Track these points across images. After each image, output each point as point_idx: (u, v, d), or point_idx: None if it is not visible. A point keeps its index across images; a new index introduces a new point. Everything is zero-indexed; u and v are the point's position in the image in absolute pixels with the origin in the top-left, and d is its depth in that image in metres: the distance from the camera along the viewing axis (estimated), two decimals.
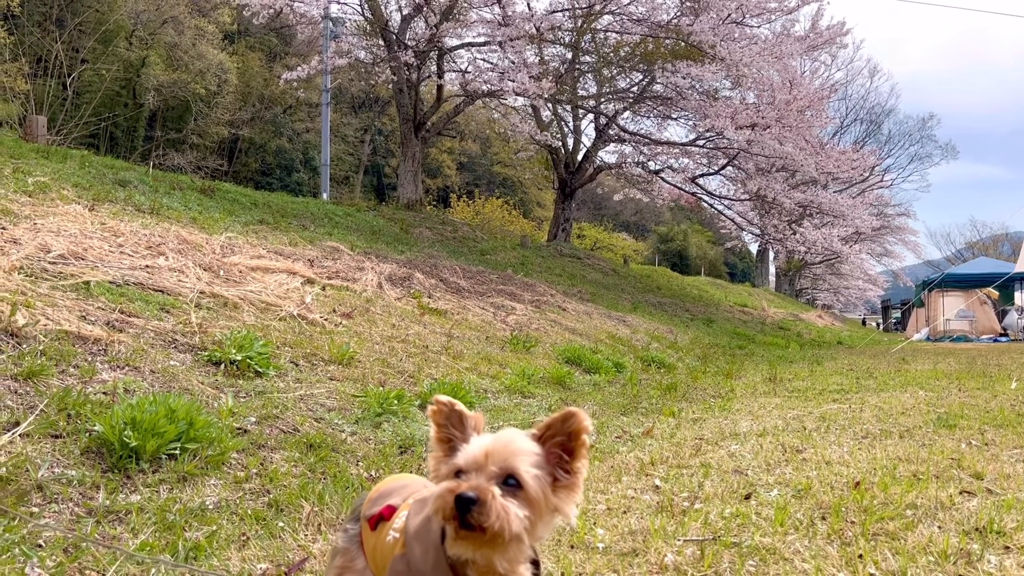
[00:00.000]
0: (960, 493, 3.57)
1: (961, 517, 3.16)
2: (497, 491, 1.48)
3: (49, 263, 5.94)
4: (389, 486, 2.01)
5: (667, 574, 2.60)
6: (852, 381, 9.47)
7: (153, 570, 2.72)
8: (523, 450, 1.54)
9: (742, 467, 4.31)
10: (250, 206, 12.38)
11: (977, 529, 2.98)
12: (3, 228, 6.35)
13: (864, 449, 4.77)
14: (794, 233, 24.59)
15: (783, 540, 2.91)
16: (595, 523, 3.17)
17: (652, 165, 23.63)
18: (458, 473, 1.55)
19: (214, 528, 3.22)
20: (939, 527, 3.05)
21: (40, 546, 2.89)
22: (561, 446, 1.58)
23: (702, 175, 24.80)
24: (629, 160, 23.20)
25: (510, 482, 1.50)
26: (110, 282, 6.04)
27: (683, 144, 23.21)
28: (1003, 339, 24.23)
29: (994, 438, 5.13)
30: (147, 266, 6.66)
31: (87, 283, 5.82)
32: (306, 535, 3.23)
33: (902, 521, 3.12)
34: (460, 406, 1.62)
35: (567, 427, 1.57)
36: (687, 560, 2.73)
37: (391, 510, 1.85)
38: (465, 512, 1.46)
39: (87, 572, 2.71)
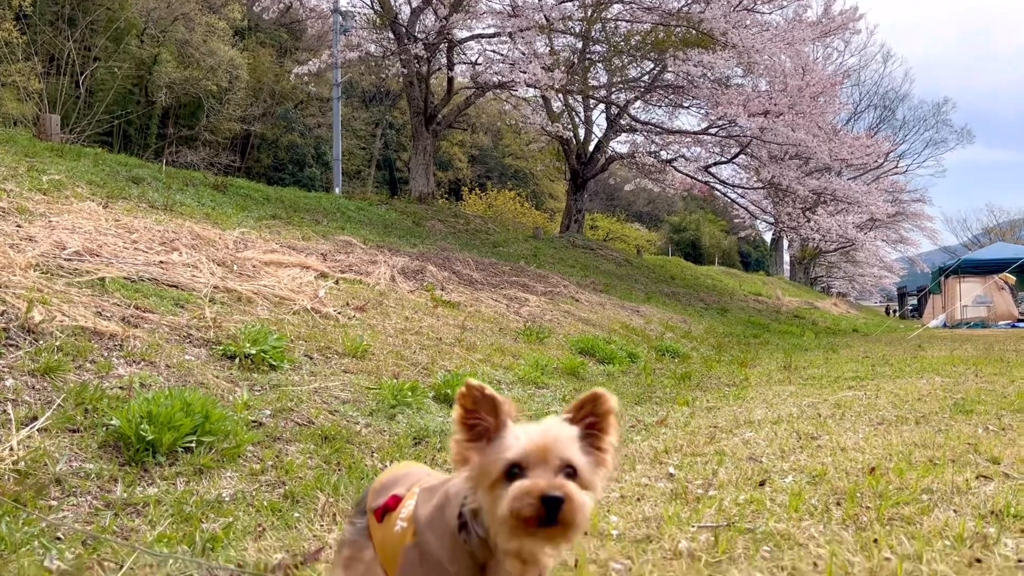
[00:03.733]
0: (977, 478, 3.54)
1: (977, 501, 3.14)
2: (574, 487, 1.49)
3: (65, 260, 5.99)
4: (392, 476, 2.00)
5: (681, 560, 2.60)
6: (867, 368, 9.41)
7: (171, 562, 2.75)
8: (573, 438, 1.55)
9: (756, 454, 4.30)
10: (263, 201, 12.43)
11: (994, 513, 2.96)
12: (19, 226, 6.41)
13: (879, 435, 4.74)
14: (808, 221, 24.42)
15: (798, 526, 2.90)
16: (608, 510, 3.17)
17: (664, 155, 23.51)
18: (512, 467, 1.50)
19: (230, 520, 3.24)
20: (955, 511, 3.03)
21: (59, 539, 2.93)
22: (590, 425, 1.60)
23: (715, 164, 24.67)
24: (641, 150, 23.09)
25: (568, 471, 1.52)
26: (125, 278, 6.09)
27: (695, 133, 23.10)
28: (1021, 325, 23.98)
29: (1011, 423, 5.09)
30: (161, 262, 6.71)
31: (102, 279, 5.87)
32: (322, 525, 3.26)
33: (917, 506, 3.10)
34: (492, 391, 1.57)
35: (597, 407, 1.61)
36: (701, 546, 2.72)
37: (396, 500, 1.84)
38: (554, 511, 1.45)
39: (106, 564, 2.74)
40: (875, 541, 2.67)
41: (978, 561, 2.47)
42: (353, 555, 1.95)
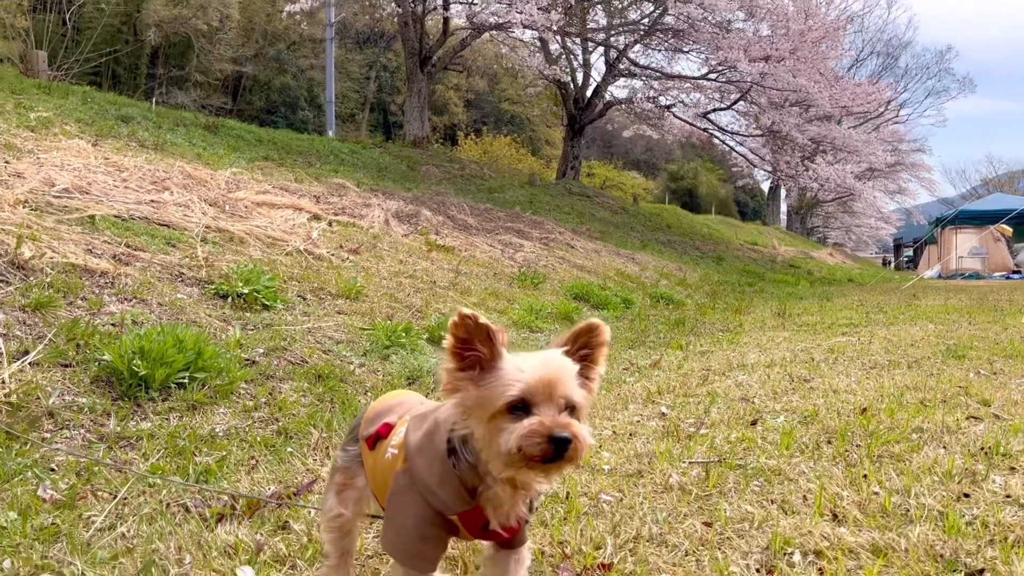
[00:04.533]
0: (967, 418, 3.56)
1: (967, 440, 3.16)
2: (578, 426, 1.50)
3: (54, 197, 5.91)
4: (385, 404, 2.00)
5: (672, 493, 2.62)
6: (862, 315, 9.44)
7: (164, 491, 2.76)
8: (574, 374, 1.54)
9: (749, 395, 4.31)
10: (255, 143, 12.27)
11: (983, 451, 2.98)
12: (6, 162, 6.31)
13: (872, 379, 4.77)
14: (807, 170, 24.23)
15: (788, 462, 2.91)
16: (601, 447, 3.18)
17: (663, 100, 23.17)
18: (517, 403, 1.49)
19: (224, 453, 3.25)
20: (944, 449, 3.05)
21: (53, 470, 2.93)
22: (583, 357, 1.61)
23: (714, 110, 24.34)
24: (639, 95, 22.76)
25: (570, 408, 1.52)
26: (115, 216, 6.02)
27: (695, 78, 22.73)
28: (1016, 276, 24.04)
29: (1003, 368, 5.12)
30: (152, 201, 6.63)
31: (92, 217, 5.80)
32: (315, 459, 3.27)
33: (907, 444, 3.12)
34: (486, 320, 1.52)
35: (592, 339, 1.62)
36: (692, 480, 2.74)
37: (388, 428, 1.85)
38: (562, 450, 1.46)
39: (100, 494, 2.75)
40: (864, 476, 2.69)
41: (966, 496, 2.49)
42: (346, 481, 1.96)
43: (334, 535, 1.97)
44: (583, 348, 1.62)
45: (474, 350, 1.52)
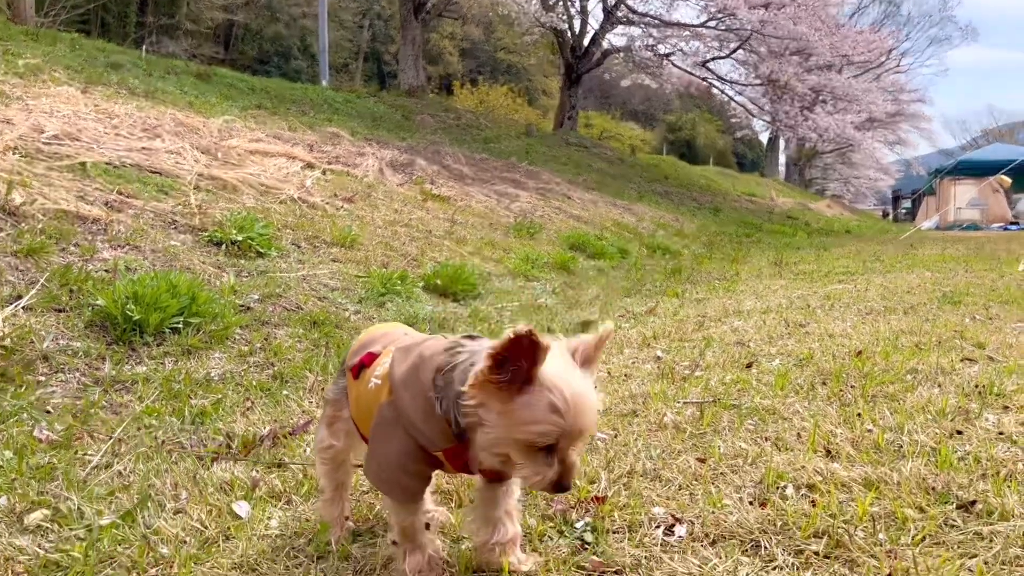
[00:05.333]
0: (961, 360, 3.57)
1: (961, 381, 3.17)
2: (578, 463, 1.58)
3: (44, 144, 5.83)
4: (370, 335, 2.00)
5: (666, 431, 2.63)
6: (858, 264, 9.43)
7: (160, 431, 2.76)
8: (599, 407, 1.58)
9: (744, 340, 4.32)
10: (247, 91, 12.09)
11: (977, 391, 2.99)
12: None
13: (867, 324, 4.77)
14: (806, 119, 24.00)
15: (783, 402, 2.92)
16: (595, 388, 3.18)
17: (661, 48, 22.82)
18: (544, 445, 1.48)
19: (219, 396, 3.26)
20: (939, 388, 3.06)
21: (48, 412, 2.93)
22: (585, 356, 1.60)
23: (713, 59, 23.98)
24: (638, 43, 22.42)
25: None
26: (106, 163, 5.95)
27: (694, 26, 22.34)
28: (1014, 227, 23.99)
29: (998, 313, 5.12)
30: (143, 148, 6.55)
31: (83, 164, 5.73)
32: (310, 402, 3.27)
33: (902, 384, 3.13)
34: (540, 338, 1.43)
35: (599, 343, 1.61)
36: (686, 419, 2.75)
37: (372, 357, 1.84)
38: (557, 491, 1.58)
39: (96, 435, 2.76)
40: (858, 415, 2.70)
41: (959, 433, 2.50)
42: (335, 414, 1.97)
43: (327, 467, 1.97)
44: (588, 352, 1.60)
45: (517, 364, 1.44)
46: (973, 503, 1.94)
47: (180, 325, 3.90)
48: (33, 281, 3.88)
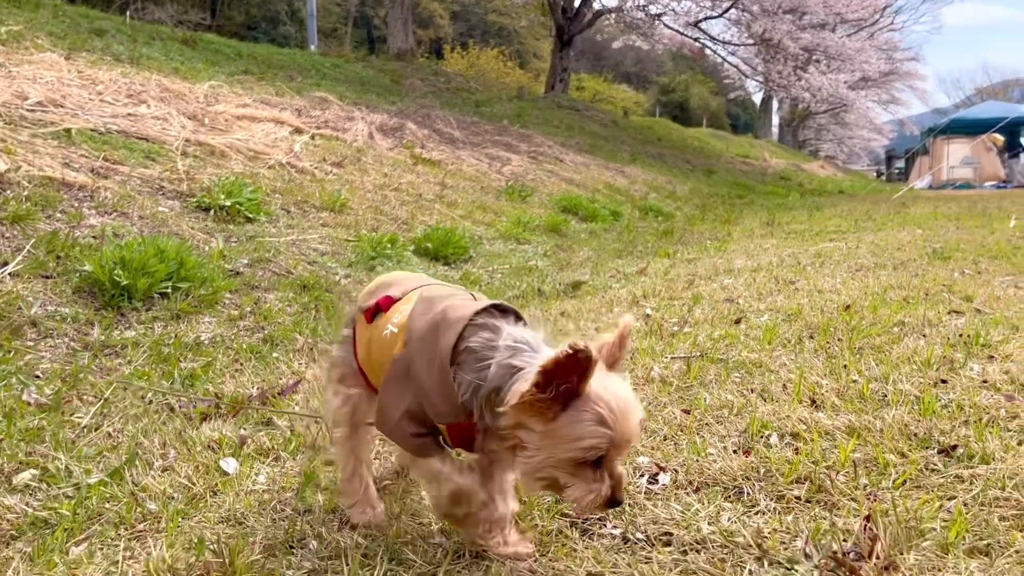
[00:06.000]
0: (948, 313, 3.59)
1: (947, 332, 3.18)
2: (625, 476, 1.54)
3: (27, 110, 5.75)
4: (387, 278, 1.90)
5: (652, 384, 2.65)
6: (850, 223, 9.43)
7: (150, 393, 2.77)
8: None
9: (733, 297, 4.33)
10: (234, 57, 11.93)
11: (963, 341, 3.00)
12: None
13: (857, 279, 4.78)
14: (799, 79, 23.80)
15: (770, 355, 2.94)
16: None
17: (653, 9, 22.53)
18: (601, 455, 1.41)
19: (209, 359, 3.26)
20: (924, 339, 3.08)
21: (38, 376, 2.94)
22: (611, 357, 1.52)
23: (705, 19, 23.69)
24: (629, 3, 22.11)
25: None
26: (92, 130, 5.88)
27: None
28: (1007, 186, 23.99)
29: (988, 267, 5.14)
30: (129, 114, 6.47)
31: (68, 131, 5.66)
32: (300, 363, 3.28)
33: (888, 336, 3.14)
34: (594, 354, 1.35)
35: (621, 341, 1.54)
36: (673, 373, 2.77)
37: (389, 301, 1.74)
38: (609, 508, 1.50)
39: (85, 398, 2.76)
40: (844, 367, 2.72)
41: (943, 382, 2.52)
42: (345, 373, 1.84)
43: (345, 431, 1.82)
44: (613, 350, 1.52)
45: (567, 380, 1.35)
46: (954, 447, 1.96)
47: (169, 290, 3.90)
48: (19, 248, 3.85)
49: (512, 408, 1.37)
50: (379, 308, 1.74)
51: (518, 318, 1.59)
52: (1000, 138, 24.99)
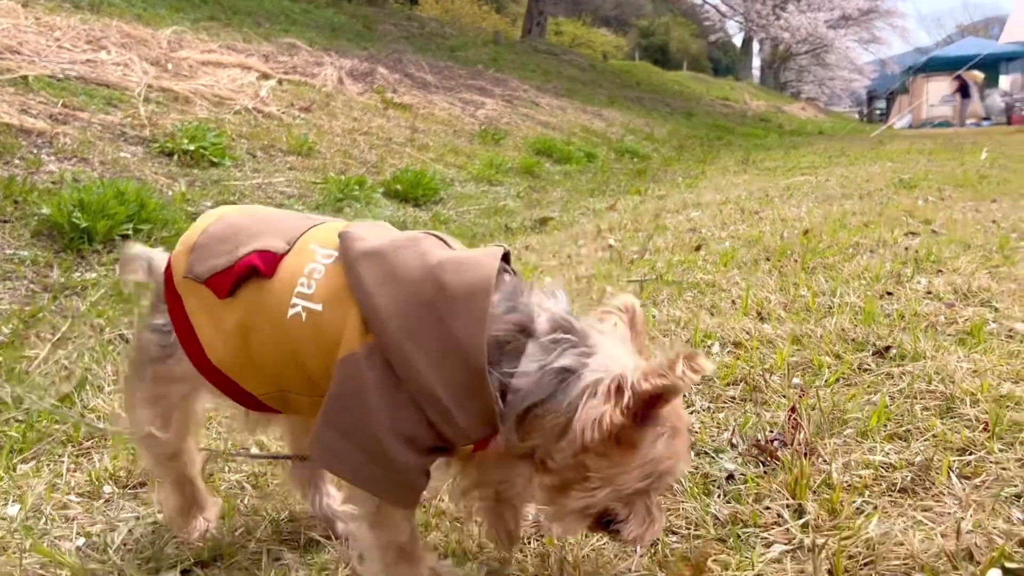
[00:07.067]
0: (906, 234, 3.63)
1: (900, 252, 3.23)
2: None
3: None
4: (227, 223, 1.26)
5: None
6: (824, 160, 9.45)
7: (107, 330, 2.78)
8: None
9: (697, 227, 4.36)
10: (199, 3, 11.64)
11: (914, 258, 3.05)
12: None
13: (821, 208, 4.81)
14: (778, 19, 23.58)
15: (724, 276, 2.98)
16: (542, 273, 3.22)
17: None
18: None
19: None
20: (877, 257, 3.12)
21: None
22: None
23: None
24: None
25: None
26: (50, 76, 5.76)
27: None
28: (986, 123, 23.99)
29: (952, 195, 5.18)
30: (88, 60, 6.33)
31: (25, 77, 5.54)
32: None
33: (842, 256, 3.18)
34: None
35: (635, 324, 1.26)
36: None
37: (271, 259, 1.18)
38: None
39: (43, 337, 2.76)
40: (795, 284, 2.76)
41: (889, 294, 2.57)
42: (163, 375, 1.27)
43: (155, 460, 1.34)
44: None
45: (662, 404, 1.07)
46: (888, 349, 2.01)
47: (130, 232, 3.87)
48: None
49: (593, 442, 1.05)
50: (253, 272, 1.17)
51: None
52: (979, 75, 24.91)
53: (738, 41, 49.49)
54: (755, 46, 45.42)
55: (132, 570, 1.23)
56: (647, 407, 1.04)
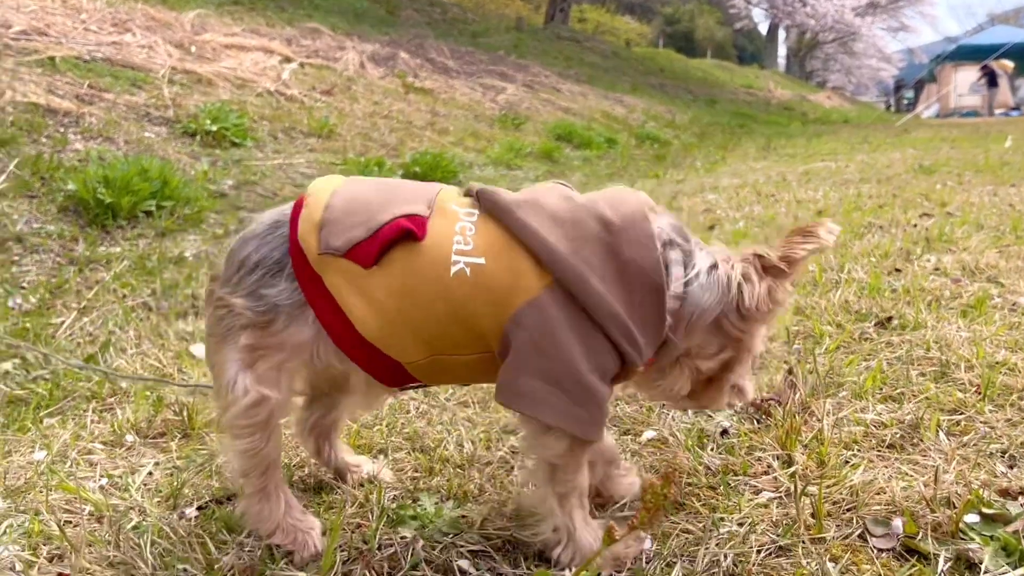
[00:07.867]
0: (920, 216, 3.63)
1: (913, 232, 3.23)
2: None
3: (11, 39, 5.75)
4: (341, 200, 1.20)
5: None
6: (846, 147, 9.39)
7: (130, 299, 2.86)
8: None
9: (712, 208, 4.37)
10: None
11: (925, 237, 3.05)
12: None
13: (838, 191, 4.81)
14: (804, 5, 23.31)
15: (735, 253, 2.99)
16: None
17: None
18: None
19: (190, 272, 3.35)
20: (888, 236, 3.13)
21: (23, 287, 3.03)
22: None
23: None
24: None
25: None
26: (76, 58, 5.88)
27: None
28: (1015, 113, 23.59)
29: (971, 180, 5.15)
30: (114, 42, 6.45)
31: (52, 58, 5.66)
32: None
33: (854, 234, 3.19)
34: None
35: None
36: None
37: (419, 223, 1.16)
38: None
39: (69, 306, 2.86)
40: None
41: (897, 271, 2.59)
42: (262, 343, 1.19)
43: (250, 440, 1.21)
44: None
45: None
46: (890, 319, 2.03)
47: (153, 208, 3.96)
48: (3, 169, 3.91)
49: (764, 313, 1.16)
50: (403, 236, 1.15)
51: None
52: (1010, 64, 24.46)
53: (764, 29, 48.98)
54: (781, 34, 44.93)
55: (152, 506, 1.30)
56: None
